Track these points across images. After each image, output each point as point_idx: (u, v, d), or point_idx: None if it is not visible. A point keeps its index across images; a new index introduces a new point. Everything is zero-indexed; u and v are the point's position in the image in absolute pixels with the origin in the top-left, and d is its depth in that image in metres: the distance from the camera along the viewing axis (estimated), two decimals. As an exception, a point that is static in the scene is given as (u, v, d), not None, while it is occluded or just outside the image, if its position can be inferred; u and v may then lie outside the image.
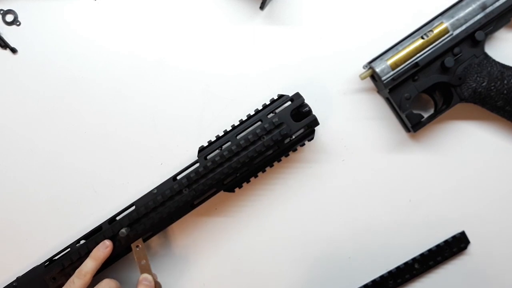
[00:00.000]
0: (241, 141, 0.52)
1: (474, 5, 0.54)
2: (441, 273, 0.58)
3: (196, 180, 0.52)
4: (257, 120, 0.53)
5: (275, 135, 0.52)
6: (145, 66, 0.58)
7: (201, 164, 0.52)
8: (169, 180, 0.53)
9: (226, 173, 0.52)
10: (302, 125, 0.52)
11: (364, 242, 0.58)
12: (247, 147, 0.52)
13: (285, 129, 0.52)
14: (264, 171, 0.55)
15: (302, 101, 0.53)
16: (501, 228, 0.58)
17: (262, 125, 0.52)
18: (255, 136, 0.52)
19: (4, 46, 0.57)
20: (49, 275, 0.52)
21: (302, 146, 0.55)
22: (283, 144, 0.53)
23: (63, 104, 0.58)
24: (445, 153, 0.58)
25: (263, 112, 0.53)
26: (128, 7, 0.58)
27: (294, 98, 0.53)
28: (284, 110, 0.52)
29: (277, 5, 0.58)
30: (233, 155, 0.52)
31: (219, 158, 0.52)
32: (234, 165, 0.52)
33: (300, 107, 0.53)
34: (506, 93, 0.54)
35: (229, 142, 0.53)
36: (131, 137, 0.58)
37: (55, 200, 0.57)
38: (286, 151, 0.54)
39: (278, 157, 0.54)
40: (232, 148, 0.52)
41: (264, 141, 0.51)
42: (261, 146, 0.51)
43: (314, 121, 0.53)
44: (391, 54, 0.54)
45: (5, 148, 0.58)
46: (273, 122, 0.52)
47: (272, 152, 0.53)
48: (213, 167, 0.52)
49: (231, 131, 0.54)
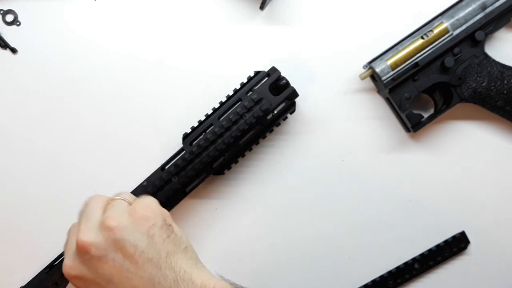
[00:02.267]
0: (223, 122, 0.52)
1: (474, 5, 0.54)
2: (441, 273, 0.58)
3: (183, 167, 0.52)
4: (237, 100, 0.54)
5: (256, 112, 0.52)
6: (145, 66, 0.58)
7: (187, 151, 0.52)
8: (158, 171, 0.53)
9: (213, 156, 0.52)
10: (282, 99, 0.53)
11: (364, 242, 0.58)
12: (230, 127, 0.52)
13: (265, 104, 0.52)
14: (251, 150, 0.55)
15: (279, 74, 0.53)
16: (501, 228, 0.58)
17: (242, 104, 0.52)
18: (237, 115, 0.52)
19: (4, 46, 0.57)
20: (51, 281, 0.52)
21: (285, 119, 0.55)
22: (265, 120, 0.53)
23: (63, 104, 0.58)
24: (445, 153, 0.58)
25: (242, 91, 0.54)
26: (128, 7, 0.58)
27: (270, 73, 0.53)
28: (262, 86, 0.53)
29: (277, 5, 0.58)
30: (217, 137, 0.52)
31: (203, 142, 0.52)
32: (220, 147, 0.52)
33: (278, 80, 0.53)
34: (506, 93, 0.54)
35: (212, 125, 0.53)
36: (131, 137, 0.58)
37: (55, 200, 0.57)
38: (269, 127, 0.55)
39: (263, 134, 0.55)
40: (215, 130, 0.52)
41: (246, 119, 0.52)
42: (243, 125, 0.52)
43: (293, 93, 0.53)
44: (391, 54, 0.54)
45: (5, 148, 0.58)
46: (253, 99, 0.52)
47: (256, 129, 0.54)
48: (199, 152, 0.52)
49: (213, 114, 0.54)
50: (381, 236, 0.58)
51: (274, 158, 0.58)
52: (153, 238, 0.38)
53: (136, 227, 0.38)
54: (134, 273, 0.37)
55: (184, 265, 0.38)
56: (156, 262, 0.38)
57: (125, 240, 0.37)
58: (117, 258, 0.37)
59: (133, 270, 0.37)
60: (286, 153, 0.58)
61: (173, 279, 0.37)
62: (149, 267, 0.37)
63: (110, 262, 0.37)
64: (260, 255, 0.58)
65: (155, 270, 0.37)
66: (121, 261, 0.37)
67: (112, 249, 0.37)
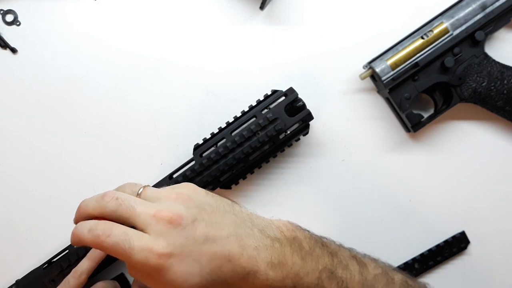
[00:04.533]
0: (236, 138, 0.52)
1: (474, 5, 0.54)
2: (441, 273, 0.58)
3: (192, 178, 0.52)
4: (252, 116, 0.53)
5: (269, 131, 0.52)
6: (145, 66, 0.58)
7: (196, 162, 0.52)
8: (165, 179, 0.53)
9: (222, 170, 0.52)
10: (296, 120, 0.52)
11: (364, 242, 0.57)
12: (242, 144, 0.52)
13: (280, 124, 0.52)
14: (260, 167, 0.55)
15: (296, 95, 0.53)
16: (501, 228, 0.58)
17: (256, 121, 0.52)
18: (250, 132, 0.52)
19: (4, 46, 0.57)
20: (48, 277, 0.52)
21: (297, 141, 0.55)
22: (278, 139, 0.53)
23: (63, 104, 0.58)
24: (445, 153, 0.58)
25: (257, 108, 0.54)
26: (128, 7, 0.58)
27: (288, 93, 0.53)
28: (278, 106, 0.53)
29: (277, 5, 0.58)
30: (228, 151, 0.52)
31: (214, 155, 0.52)
32: (230, 162, 0.52)
33: (294, 102, 0.53)
34: (506, 93, 0.54)
35: (224, 139, 0.53)
36: (131, 137, 0.58)
37: (55, 200, 0.57)
38: (281, 147, 0.54)
39: (274, 153, 0.54)
40: (227, 145, 0.52)
41: (259, 137, 0.52)
42: (256, 142, 0.52)
43: (308, 116, 0.53)
44: (391, 54, 0.54)
45: (5, 148, 0.58)
46: (268, 118, 0.52)
47: (267, 148, 0.54)
48: (209, 164, 0.52)
49: (226, 128, 0.54)
50: (381, 236, 0.57)
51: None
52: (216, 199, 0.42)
53: (198, 195, 0.41)
54: (222, 223, 0.39)
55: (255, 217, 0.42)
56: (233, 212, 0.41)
57: (201, 201, 0.40)
58: (205, 217, 0.39)
59: (220, 220, 0.39)
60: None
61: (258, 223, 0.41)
62: (230, 216, 0.40)
63: (202, 222, 0.38)
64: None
65: (234, 218, 0.40)
66: (208, 218, 0.39)
67: (197, 211, 0.39)
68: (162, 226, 0.37)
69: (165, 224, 0.37)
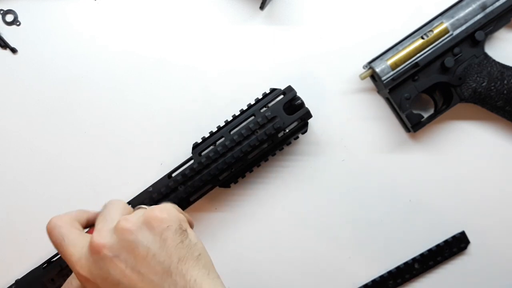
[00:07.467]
0: (234, 136, 0.52)
1: (474, 5, 0.54)
2: (441, 273, 0.58)
3: (191, 176, 0.52)
4: (250, 115, 0.53)
5: (268, 129, 0.52)
6: (145, 67, 0.58)
7: (195, 161, 0.52)
8: (164, 178, 0.53)
9: (221, 169, 0.52)
10: (295, 118, 0.53)
11: (364, 242, 0.58)
12: (241, 142, 0.52)
13: (278, 122, 0.52)
14: (259, 166, 0.55)
15: (294, 94, 0.53)
16: (501, 228, 0.58)
17: (255, 120, 0.52)
18: (249, 130, 0.52)
19: (4, 46, 0.57)
20: (48, 276, 0.52)
21: (296, 139, 0.55)
22: (277, 137, 0.53)
23: (63, 104, 0.58)
24: (445, 153, 0.58)
25: (256, 107, 0.54)
26: (128, 7, 0.58)
27: (286, 92, 0.54)
28: (277, 104, 0.53)
29: (277, 5, 0.58)
30: (227, 150, 0.52)
31: (213, 154, 0.52)
32: (229, 160, 0.52)
33: (293, 100, 0.53)
34: (506, 93, 0.54)
35: (223, 138, 0.53)
36: (131, 137, 0.58)
37: (55, 200, 0.57)
38: (280, 145, 0.54)
39: (273, 151, 0.54)
40: (226, 144, 0.52)
41: (257, 135, 0.52)
42: (255, 141, 0.52)
43: (307, 114, 0.53)
44: (391, 54, 0.54)
45: (5, 148, 0.58)
46: (266, 116, 0.52)
47: (266, 146, 0.54)
48: (208, 163, 0.52)
49: (225, 126, 0.54)
50: (381, 236, 0.58)
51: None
52: (166, 241, 0.37)
53: (150, 229, 0.38)
54: (145, 276, 0.36)
55: (195, 273, 0.37)
56: (167, 267, 0.37)
57: (138, 242, 0.37)
58: (129, 260, 0.37)
59: (144, 272, 0.36)
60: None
61: (182, 286, 0.36)
62: (159, 271, 0.37)
63: (122, 264, 0.36)
64: (259, 255, 0.58)
65: (165, 275, 0.37)
66: (132, 263, 0.37)
67: (125, 250, 0.37)
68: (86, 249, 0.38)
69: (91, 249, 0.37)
